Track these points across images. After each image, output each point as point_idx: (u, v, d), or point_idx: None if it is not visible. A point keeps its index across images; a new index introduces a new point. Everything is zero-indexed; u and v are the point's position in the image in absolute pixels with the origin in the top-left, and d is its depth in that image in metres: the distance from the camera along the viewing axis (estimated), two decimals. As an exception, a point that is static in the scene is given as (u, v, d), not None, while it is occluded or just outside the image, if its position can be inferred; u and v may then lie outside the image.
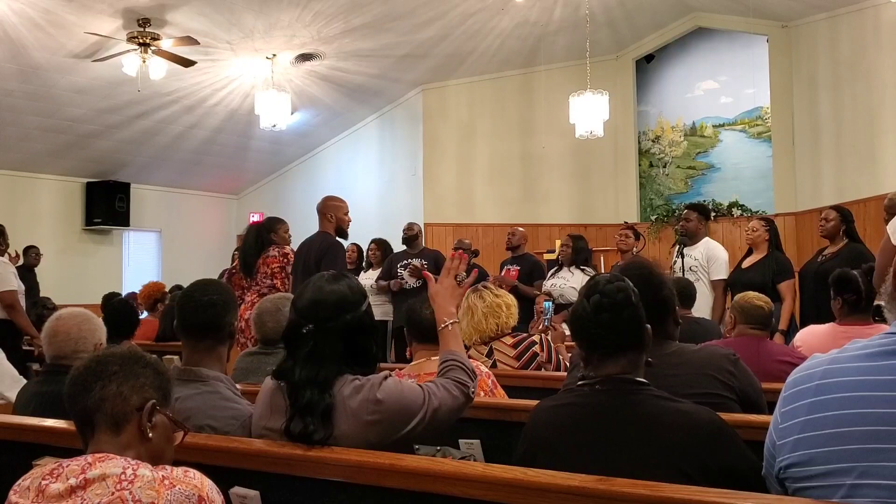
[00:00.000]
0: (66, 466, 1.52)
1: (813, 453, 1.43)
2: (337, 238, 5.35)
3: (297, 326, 2.07)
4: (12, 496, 1.53)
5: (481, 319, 3.63)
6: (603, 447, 1.81)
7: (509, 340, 3.67)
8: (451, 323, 2.30)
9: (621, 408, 1.85)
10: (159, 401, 1.67)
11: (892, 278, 1.54)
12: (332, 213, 5.39)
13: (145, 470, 1.51)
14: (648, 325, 1.97)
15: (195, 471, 1.57)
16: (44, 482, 1.50)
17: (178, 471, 1.54)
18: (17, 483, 1.55)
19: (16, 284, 5.73)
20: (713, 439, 1.76)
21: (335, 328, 2.06)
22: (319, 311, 2.06)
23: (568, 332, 5.15)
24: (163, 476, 1.51)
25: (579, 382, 1.97)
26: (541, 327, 4.58)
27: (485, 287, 3.76)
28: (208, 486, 1.55)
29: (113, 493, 1.45)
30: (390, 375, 2.08)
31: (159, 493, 1.47)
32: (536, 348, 3.67)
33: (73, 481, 1.48)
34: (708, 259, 5.83)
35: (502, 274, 7.24)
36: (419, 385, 2.10)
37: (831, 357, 1.51)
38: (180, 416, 1.84)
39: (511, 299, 3.76)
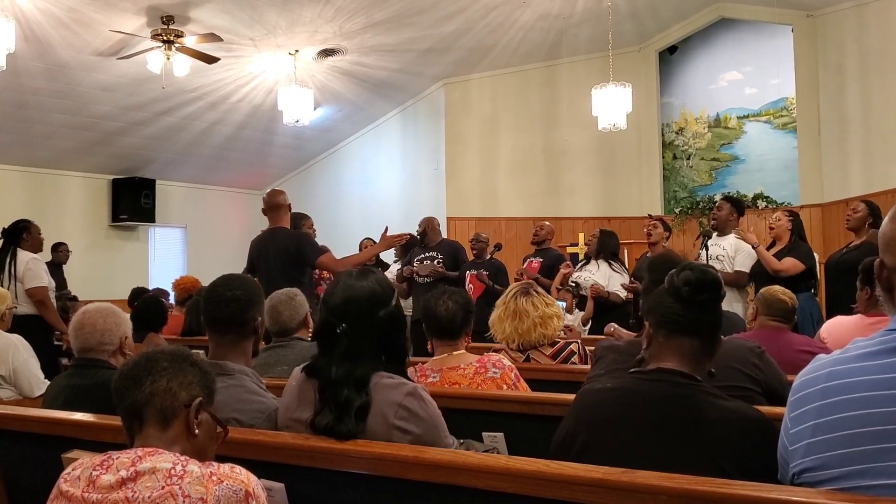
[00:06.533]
0: (117, 458, 1.54)
1: (826, 457, 1.42)
2: None
3: (331, 326, 2.06)
4: (62, 485, 1.56)
5: (531, 328, 3.48)
6: (644, 437, 1.79)
7: (548, 351, 3.55)
8: None
9: (668, 400, 1.83)
10: (205, 399, 1.71)
11: (877, 280, 1.52)
12: (289, 205, 5.45)
13: (194, 466, 1.53)
14: (722, 337, 1.96)
15: (240, 467, 1.60)
16: (94, 473, 1.53)
17: (225, 467, 1.57)
18: (67, 472, 1.58)
19: (46, 280, 5.80)
20: (759, 439, 1.73)
21: (369, 326, 2.06)
22: (352, 309, 2.06)
23: (583, 328, 5.06)
24: (210, 472, 1.53)
25: (631, 370, 1.95)
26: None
27: (536, 293, 3.57)
28: (254, 481, 1.58)
29: (163, 488, 1.48)
30: (424, 389, 2.08)
31: (208, 489, 1.49)
32: (575, 358, 3.56)
33: (123, 473, 1.51)
34: (736, 249, 5.81)
35: (524, 267, 7.22)
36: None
37: (834, 358, 1.50)
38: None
39: (559, 309, 3.62)
